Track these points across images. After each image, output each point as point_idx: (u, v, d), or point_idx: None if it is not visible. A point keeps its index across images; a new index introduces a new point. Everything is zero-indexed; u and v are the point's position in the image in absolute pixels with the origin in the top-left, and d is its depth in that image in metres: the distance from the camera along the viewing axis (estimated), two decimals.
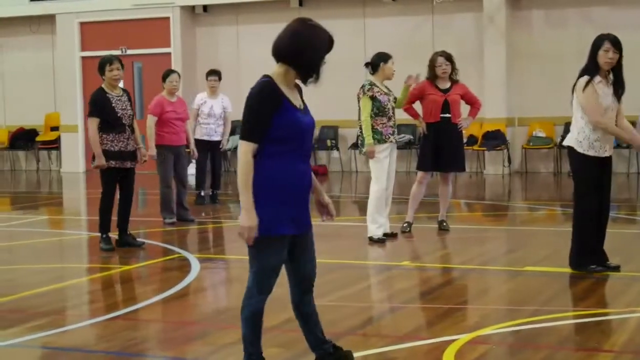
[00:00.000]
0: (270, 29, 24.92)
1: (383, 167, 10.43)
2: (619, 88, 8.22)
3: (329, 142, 21.29)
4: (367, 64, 10.69)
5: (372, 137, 10.33)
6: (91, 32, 22.93)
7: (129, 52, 21.92)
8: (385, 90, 10.52)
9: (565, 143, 8.42)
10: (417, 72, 11.05)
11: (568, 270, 8.37)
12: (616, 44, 8.11)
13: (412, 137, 20.32)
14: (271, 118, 4.84)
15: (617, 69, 8.20)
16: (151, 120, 12.25)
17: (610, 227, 8.63)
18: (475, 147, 19.78)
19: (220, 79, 14.81)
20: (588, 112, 8.10)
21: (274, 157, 4.88)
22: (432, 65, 11.08)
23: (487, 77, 19.75)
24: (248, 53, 22.28)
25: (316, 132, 21.60)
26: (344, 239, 11.04)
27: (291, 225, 4.97)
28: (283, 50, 4.96)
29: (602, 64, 8.11)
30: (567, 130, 21.39)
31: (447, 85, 11.05)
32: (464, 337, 6.13)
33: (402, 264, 9.26)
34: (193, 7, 22.55)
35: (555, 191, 17.52)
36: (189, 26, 22.57)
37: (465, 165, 11.45)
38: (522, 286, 8.14)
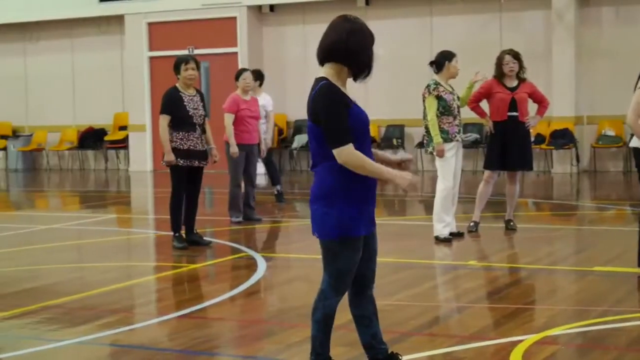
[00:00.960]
0: None
1: (450, 166, 10.38)
2: None
3: (395, 141, 21.23)
4: (431, 63, 10.64)
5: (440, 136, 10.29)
6: (159, 32, 23.16)
7: (197, 51, 22.08)
8: (450, 89, 10.47)
9: (631, 145, 8.31)
10: (485, 74, 10.96)
11: (637, 270, 8.25)
12: None
13: (478, 136, 20.20)
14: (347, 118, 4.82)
15: None
16: (229, 118, 12.27)
17: None
18: (543, 146, 19.59)
19: (256, 79, 14.75)
20: (632, 106, 8.02)
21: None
22: (499, 63, 11.00)
23: (556, 75, 19.55)
24: (314, 52, 22.28)
25: (382, 130, 21.60)
26: (411, 238, 11.01)
27: (368, 225, 4.96)
28: (341, 50, 4.93)
29: None
30: None
31: (515, 83, 10.95)
32: (532, 338, 6.08)
33: (469, 264, 9.20)
34: (260, 7, 22.65)
35: (624, 190, 17.27)
36: (256, 26, 22.67)
37: (532, 164, 11.34)
38: (590, 286, 8.04)
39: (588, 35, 19.85)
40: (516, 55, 11.00)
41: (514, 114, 10.88)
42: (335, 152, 4.76)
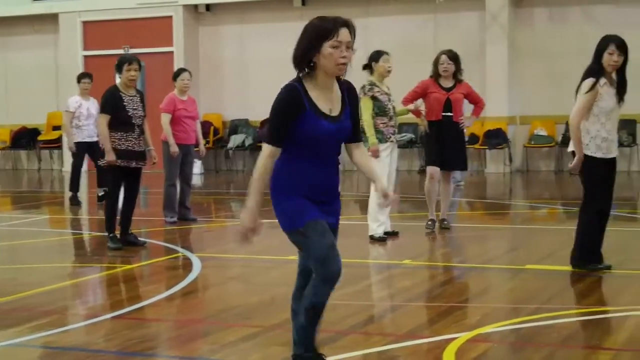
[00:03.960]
0: (273, 28, 25.32)
1: (384, 166, 10.44)
2: (621, 90, 8.15)
3: None
4: (364, 66, 10.68)
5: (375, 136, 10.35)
6: (94, 31, 22.99)
7: (132, 51, 21.93)
8: (386, 90, 10.53)
9: (570, 148, 8.32)
10: (418, 105, 10.96)
11: (569, 268, 8.38)
12: (621, 47, 8.05)
13: (413, 135, 20.35)
14: (292, 123, 4.82)
15: (620, 71, 8.14)
16: (166, 117, 12.23)
17: (611, 226, 8.64)
18: (477, 146, 19.80)
19: (92, 80, 14.96)
20: (576, 110, 8.05)
21: (288, 157, 4.89)
22: (436, 63, 11.08)
23: (489, 76, 19.77)
24: (252, 52, 22.31)
25: None
26: (345, 237, 11.00)
27: (321, 214, 4.96)
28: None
29: (606, 66, 8.05)
30: (568, 129, 21.44)
31: (451, 84, 11.04)
32: (465, 335, 6.15)
33: (403, 263, 9.27)
34: (196, 6, 22.59)
35: (556, 190, 17.54)
36: (192, 25, 22.60)
37: (467, 164, 11.45)
38: (523, 284, 8.15)
39: (521, 36, 20.10)
40: (452, 57, 11.06)
41: (449, 114, 10.97)
42: (263, 146, 4.90)
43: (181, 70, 12.73)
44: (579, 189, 8.60)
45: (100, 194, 14.67)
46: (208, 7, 22.56)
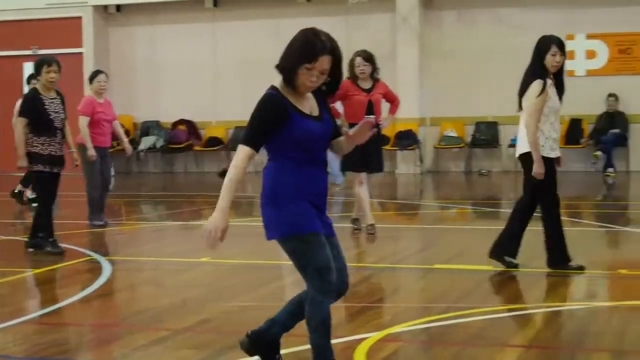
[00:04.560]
0: (185, 29, 25.06)
1: None
2: (562, 90, 8.23)
3: None
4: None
5: None
6: (1, 31, 22.58)
7: (41, 52, 21.61)
8: None
9: (520, 151, 8.32)
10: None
11: (477, 267, 8.51)
12: (562, 47, 8.15)
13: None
14: (276, 130, 4.82)
15: (560, 72, 8.22)
16: (84, 120, 12.05)
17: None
18: (388, 147, 19.95)
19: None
20: (530, 113, 8.04)
21: (289, 163, 4.85)
22: (351, 65, 11.00)
23: (400, 77, 19.94)
24: (163, 53, 22.18)
25: (231, 132, 21.59)
26: (258, 238, 11.03)
27: (319, 224, 4.92)
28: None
29: (549, 67, 8.10)
30: (478, 130, 21.73)
31: (369, 84, 10.99)
32: (376, 335, 6.20)
33: None
34: (106, 7, 22.37)
35: (466, 190, 17.77)
36: (102, 26, 22.39)
37: (383, 165, 11.46)
38: (433, 284, 8.25)
39: (431, 38, 20.33)
40: (367, 58, 11.04)
41: (371, 116, 10.90)
42: (238, 146, 4.85)
43: (97, 72, 12.58)
44: (487, 189, 8.74)
45: (16, 191, 14.44)
46: (118, 7, 22.36)
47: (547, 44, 8.16)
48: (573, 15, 19.54)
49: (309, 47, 4.87)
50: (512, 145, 19.68)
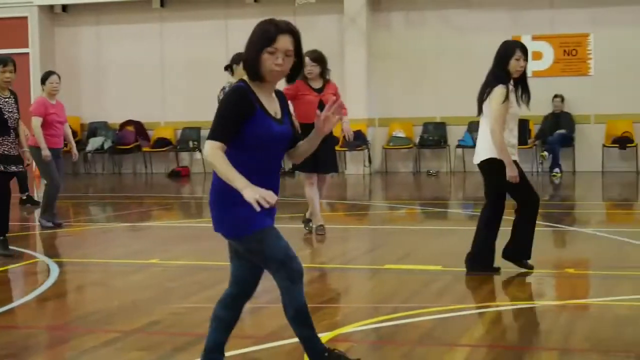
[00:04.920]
0: (132, 30, 24.87)
1: None
2: (526, 95, 8.22)
3: (191, 144, 21.21)
4: (226, 67, 10.62)
5: None
6: None
7: None
8: None
9: (481, 159, 8.30)
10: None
11: (427, 267, 8.56)
12: (526, 52, 8.17)
13: None
14: (241, 124, 4.68)
15: (523, 77, 8.21)
16: (37, 121, 11.92)
17: (467, 225, 8.86)
18: (337, 148, 19.95)
19: None
20: (496, 119, 8.00)
21: (240, 169, 4.62)
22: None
23: (349, 79, 20.00)
24: (110, 53, 22.04)
25: (179, 133, 21.52)
26: (206, 240, 11.02)
27: (269, 218, 4.89)
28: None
29: (513, 72, 8.10)
30: (426, 131, 21.83)
31: (320, 85, 10.94)
32: (326, 336, 6.21)
33: None
34: (52, 7, 22.17)
35: (414, 190, 17.86)
36: (48, 26, 22.19)
37: (338, 166, 11.40)
38: (382, 284, 8.28)
39: (380, 39, 20.40)
40: (316, 58, 11.00)
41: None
42: (206, 143, 4.69)
43: (50, 73, 12.45)
44: (435, 189, 8.79)
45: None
46: (64, 7, 22.18)
47: (511, 48, 8.16)
48: (519, 16, 19.72)
49: (265, 30, 4.87)
50: (460, 145, 19.84)
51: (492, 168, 8.23)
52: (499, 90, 8.05)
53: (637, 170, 19.17)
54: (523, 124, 19.53)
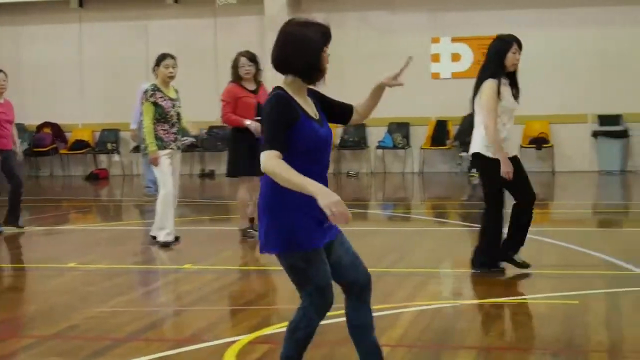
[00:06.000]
0: (50, 30, 24.51)
1: (165, 173, 10.27)
2: (517, 89, 8.26)
3: (109, 146, 21.00)
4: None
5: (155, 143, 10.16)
6: None
7: None
8: (171, 96, 10.35)
9: (472, 150, 8.31)
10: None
11: None
12: (520, 46, 8.20)
13: (194, 139, 20.29)
14: (290, 132, 4.53)
15: (514, 72, 8.25)
16: None
17: (387, 225, 8.91)
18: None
19: None
20: (487, 113, 8.03)
21: (299, 171, 4.45)
22: (235, 66, 10.78)
23: (270, 80, 19.80)
24: (27, 54, 21.72)
25: (97, 135, 21.29)
26: (126, 243, 10.93)
27: (320, 238, 4.69)
28: (280, 60, 4.75)
29: (509, 65, 8.13)
30: (346, 132, 21.87)
31: (254, 86, 10.77)
32: (246, 338, 6.20)
33: (184, 267, 9.24)
34: None
35: (335, 191, 17.86)
36: None
37: None
38: None
39: None
40: (251, 58, 10.88)
41: (259, 118, 10.73)
42: (261, 156, 4.50)
43: None
44: (355, 190, 8.82)
45: None
46: None
47: (508, 42, 8.20)
48: (438, 18, 19.91)
49: (323, 31, 4.83)
50: (380, 147, 19.94)
51: (478, 163, 8.33)
52: (488, 84, 8.11)
53: (552, 170, 19.47)
54: (442, 125, 19.77)
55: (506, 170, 8.09)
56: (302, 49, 4.72)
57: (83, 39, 21.50)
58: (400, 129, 19.89)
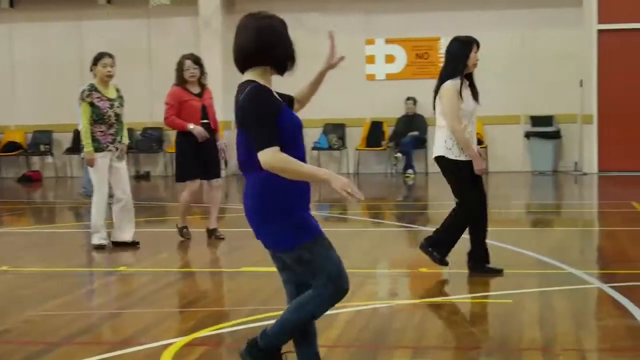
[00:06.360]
0: None
1: (101, 176, 10.15)
2: (475, 90, 8.28)
3: (42, 147, 20.75)
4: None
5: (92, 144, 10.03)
6: None
7: None
8: (109, 96, 10.21)
9: (435, 154, 8.30)
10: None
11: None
12: (479, 45, 8.24)
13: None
14: (276, 122, 4.54)
15: (471, 73, 8.28)
16: None
17: (324, 226, 8.87)
18: None
19: None
20: (451, 115, 8.05)
21: None
22: (180, 69, 10.67)
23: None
24: None
25: (29, 137, 21.03)
26: (59, 246, 10.82)
27: (319, 225, 4.73)
28: (259, 52, 4.72)
29: (471, 66, 8.15)
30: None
31: (198, 89, 10.69)
32: (182, 340, 6.18)
33: (120, 270, 9.18)
34: None
35: None
36: None
37: (221, 171, 11.07)
38: (240, 287, 8.28)
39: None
40: (197, 60, 10.77)
41: (206, 121, 10.66)
42: (260, 155, 4.48)
43: None
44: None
45: None
46: None
47: (469, 43, 8.23)
48: (372, 20, 20.00)
49: (283, 20, 4.91)
50: (315, 148, 19.96)
51: (442, 166, 8.30)
52: (448, 86, 8.12)
53: (486, 170, 19.64)
54: (377, 126, 19.86)
55: (479, 167, 8.18)
56: (283, 40, 4.81)
57: (14, 40, 21.21)
58: (335, 130, 19.93)
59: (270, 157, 4.48)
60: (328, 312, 7.02)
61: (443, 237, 8.47)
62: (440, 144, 8.24)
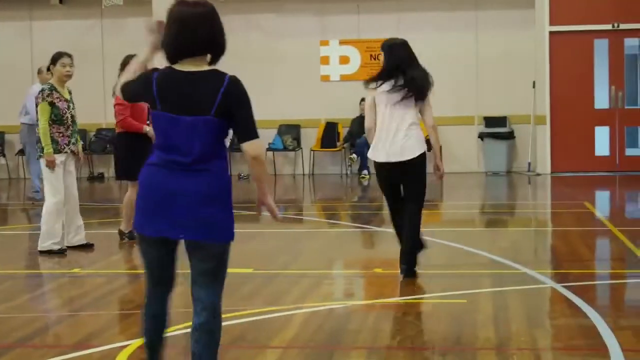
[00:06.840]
0: None
1: (58, 177, 10.01)
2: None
3: None
4: (48, 68, 10.29)
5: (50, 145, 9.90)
6: None
7: None
8: (65, 97, 10.10)
9: (416, 153, 8.50)
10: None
11: (237, 270, 8.55)
12: None
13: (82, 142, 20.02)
14: None
15: None
16: None
17: (279, 227, 8.92)
18: None
19: None
20: (431, 114, 8.50)
21: (226, 162, 4.60)
22: (124, 69, 10.64)
23: None
24: None
25: None
26: (11, 248, 10.72)
27: None
28: (219, 40, 4.91)
29: None
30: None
31: None
32: (136, 342, 6.14)
33: (73, 272, 9.11)
34: None
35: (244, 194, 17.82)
36: None
37: None
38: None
39: None
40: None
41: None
42: (251, 143, 4.49)
43: None
44: (246, 192, 8.81)
45: None
46: None
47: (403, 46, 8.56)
48: (327, 22, 20.00)
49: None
50: (270, 149, 19.94)
51: (417, 163, 8.48)
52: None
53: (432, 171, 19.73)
54: (332, 127, 19.88)
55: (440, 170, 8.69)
56: (221, 33, 4.94)
57: None
58: (290, 131, 19.92)
59: (261, 146, 4.60)
60: (283, 313, 7.06)
61: (414, 244, 8.48)
62: (419, 140, 8.49)
